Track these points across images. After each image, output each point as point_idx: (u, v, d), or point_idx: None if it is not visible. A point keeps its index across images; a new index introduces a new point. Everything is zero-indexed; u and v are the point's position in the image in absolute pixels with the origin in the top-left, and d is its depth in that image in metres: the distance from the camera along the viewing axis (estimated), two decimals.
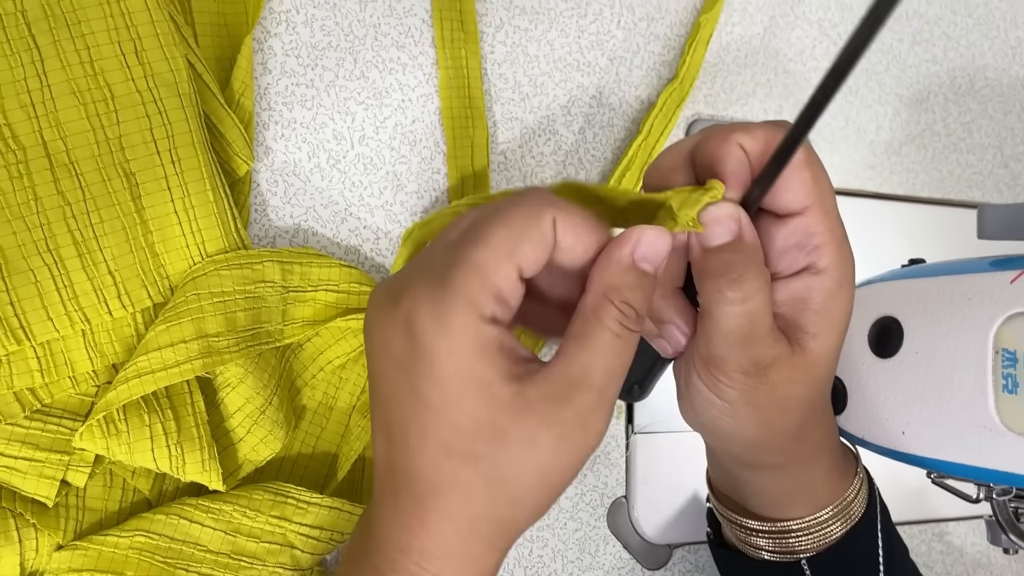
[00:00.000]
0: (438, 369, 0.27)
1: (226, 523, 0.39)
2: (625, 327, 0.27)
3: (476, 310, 0.26)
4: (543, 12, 0.50)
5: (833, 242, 0.30)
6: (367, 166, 0.46)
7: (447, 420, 0.27)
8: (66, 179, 0.37)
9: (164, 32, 0.38)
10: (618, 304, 0.27)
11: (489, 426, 0.27)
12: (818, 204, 0.29)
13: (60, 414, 0.38)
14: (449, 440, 0.27)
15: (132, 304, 0.38)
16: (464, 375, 0.27)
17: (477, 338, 0.27)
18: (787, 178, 0.29)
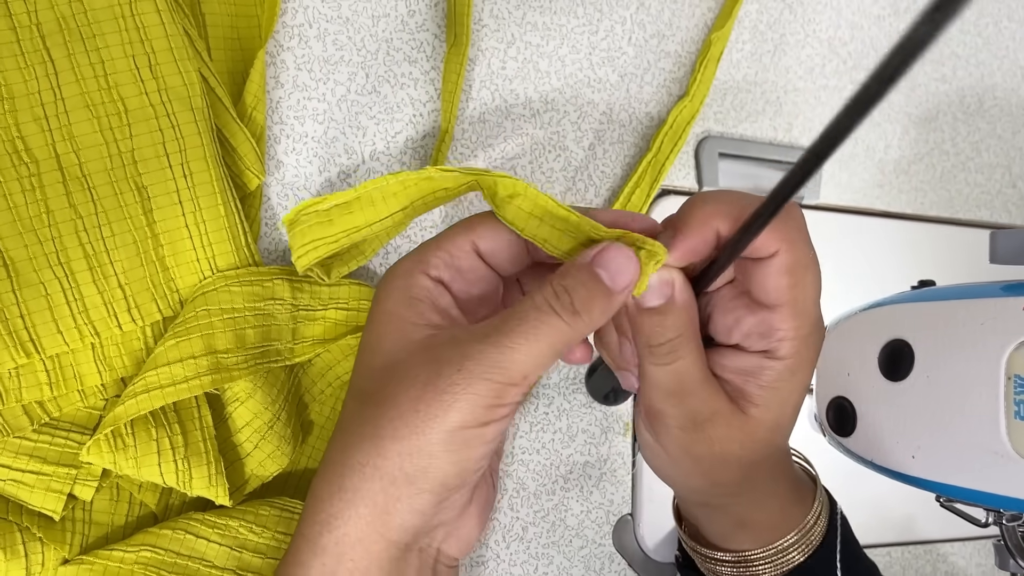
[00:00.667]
0: (374, 312, 0.31)
1: (232, 538, 0.39)
2: (550, 304, 0.28)
3: (420, 266, 0.31)
4: (555, 28, 0.50)
5: (797, 339, 0.30)
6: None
7: (363, 361, 0.31)
8: (78, 192, 0.37)
9: (178, 46, 0.38)
10: (555, 285, 0.29)
11: (390, 362, 0.30)
12: (789, 306, 0.30)
13: (68, 427, 0.38)
14: (357, 382, 0.31)
15: (142, 318, 0.38)
16: (389, 314, 0.31)
17: (412, 286, 0.30)
18: (765, 278, 0.30)
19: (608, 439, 0.51)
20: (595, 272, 0.29)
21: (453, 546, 0.33)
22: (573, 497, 0.50)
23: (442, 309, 0.31)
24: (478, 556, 0.47)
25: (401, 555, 0.30)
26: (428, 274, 0.31)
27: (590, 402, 0.50)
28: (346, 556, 0.30)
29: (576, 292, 0.29)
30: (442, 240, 0.31)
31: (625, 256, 0.29)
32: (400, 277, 0.31)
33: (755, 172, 0.55)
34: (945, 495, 0.40)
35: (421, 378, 0.28)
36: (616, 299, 0.29)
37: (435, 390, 0.28)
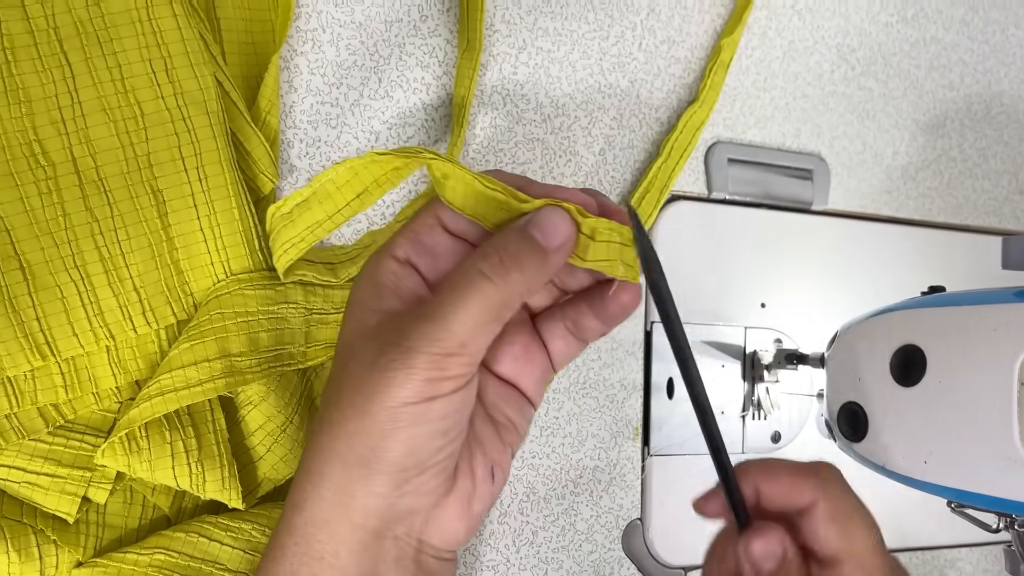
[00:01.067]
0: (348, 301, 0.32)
1: (245, 541, 0.39)
2: (477, 268, 0.29)
3: (388, 249, 0.31)
4: (566, 34, 0.50)
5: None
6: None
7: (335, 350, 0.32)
8: (95, 195, 0.37)
9: (194, 50, 0.39)
10: (484, 246, 0.29)
11: (347, 348, 0.31)
12: (853, 558, 0.31)
13: (83, 430, 0.38)
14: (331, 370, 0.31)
15: (156, 321, 0.38)
16: (353, 301, 0.32)
17: (377, 271, 0.31)
18: (815, 528, 0.31)
19: (618, 444, 0.51)
20: (527, 231, 0.30)
21: (436, 536, 0.31)
22: (583, 502, 0.50)
23: (406, 292, 0.31)
24: (488, 560, 0.47)
25: (373, 540, 0.30)
26: (395, 256, 0.31)
27: (600, 406, 0.51)
28: (314, 538, 0.30)
29: (505, 250, 0.29)
30: (409, 222, 0.32)
31: (558, 215, 0.30)
32: (369, 264, 0.32)
33: (764, 178, 0.56)
34: (956, 500, 0.40)
35: (366, 359, 0.29)
36: (551, 258, 0.30)
37: (378, 368, 0.28)
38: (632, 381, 0.52)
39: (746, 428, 0.54)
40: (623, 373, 0.51)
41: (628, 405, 0.51)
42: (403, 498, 0.30)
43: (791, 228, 0.57)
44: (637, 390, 0.52)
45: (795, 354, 0.52)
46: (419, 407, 0.28)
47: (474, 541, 0.47)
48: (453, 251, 0.32)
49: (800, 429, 0.55)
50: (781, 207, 0.56)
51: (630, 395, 0.51)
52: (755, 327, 0.55)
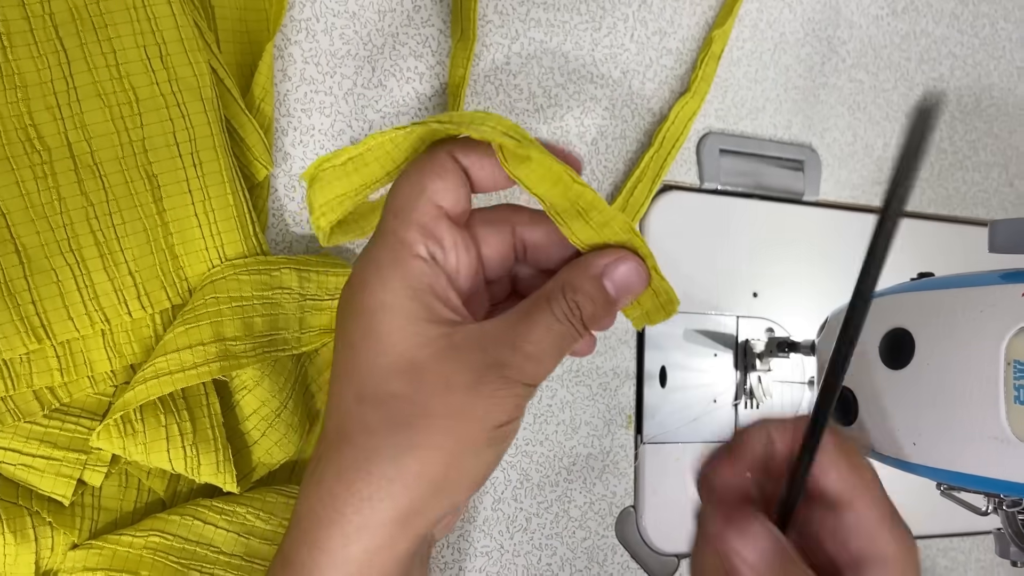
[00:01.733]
0: (367, 302, 0.28)
1: (239, 525, 0.39)
2: (568, 319, 0.29)
3: (404, 246, 0.28)
4: (558, 25, 0.51)
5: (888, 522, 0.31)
6: None
7: (365, 359, 0.28)
8: (90, 180, 0.37)
9: (188, 37, 0.39)
10: (568, 299, 0.29)
11: (407, 363, 0.28)
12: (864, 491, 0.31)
13: (78, 413, 0.38)
14: (362, 382, 0.28)
15: (151, 305, 0.39)
16: (391, 307, 0.28)
17: (407, 272, 0.29)
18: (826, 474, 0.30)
19: (611, 431, 0.51)
20: (603, 287, 0.30)
21: (441, 531, 0.33)
22: (576, 489, 0.50)
23: (445, 297, 0.29)
24: (483, 546, 0.48)
25: (418, 548, 0.30)
26: (420, 256, 0.29)
27: (593, 394, 0.51)
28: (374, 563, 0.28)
29: (586, 308, 0.30)
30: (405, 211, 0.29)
31: (637, 276, 0.30)
32: (388, 266, 0.29)
33: (756, 169, 0.56)
34: (946, 483, 0.41)
35: (461, 386, 0.28)
36: (616, 307, 0.31)
37: (480, 396, 0.28)
38: (625, 369, 0.52)
39: (739, 416, 0.54)
40: (616, 361, 0.52)
41: (621, 393, 0.52)
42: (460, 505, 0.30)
43: (782, 218, 0.57)
44: (630, 378, 0.52)
45: (787, 342, 0.52)
46: (510, 427, 0.29)
47: (468, 527, 0.47)
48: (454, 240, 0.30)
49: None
50: (773, 197, 0.57)
51: (623, 383, 0.52)
52: (747, 316, 0.55)
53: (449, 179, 0.29)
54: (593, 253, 0.30)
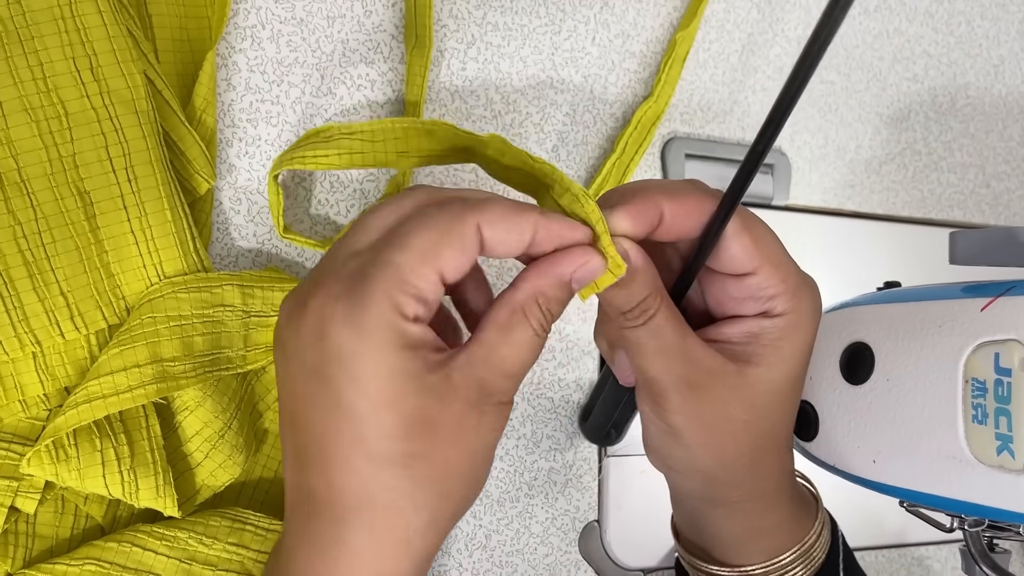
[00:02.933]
0: (361, 370, 0.26)
1: (181, 550, 0.38)
2: (544, 329, 0.29)
3: (397, 310, 0.26)
4: (516, 29, 0.50)
5: (787, 292, 0.31)
6: (333, 184, 0.45)
7: (373, 425, 0.26)
8: (16, 198, 0.36)
9: (121, 48, 0.38)
10: (543, 309, 0.29)
11: (419, 420, 0.27)
12: (766, 263, 0.31)
13: (9, 439, 0.37)
14: (375, 447, 0.27)
15: (86, 326, 0.37)
16: (390, 371, 0.26)
17: (400, 336, 0.26)
18: (728, 246, 0.30)
19: (574, 444, 0.50)
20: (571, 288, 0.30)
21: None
22: (538, 504, 0.49)
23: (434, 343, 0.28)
24: (440, 565, 0.47)
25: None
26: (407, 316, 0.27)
27: (555, 407, 0.50)
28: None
29: (555, 311, 0.30)
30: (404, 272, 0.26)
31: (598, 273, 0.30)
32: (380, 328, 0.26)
33: (723, 173, 0.55)
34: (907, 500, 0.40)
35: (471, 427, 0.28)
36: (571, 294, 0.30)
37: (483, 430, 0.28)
38: (588, 381, 0.51)
39: None
40: (578, 372, 0.51)
41: (578, 390, 0.51)
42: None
43: None
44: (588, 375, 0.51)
45: None
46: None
47: None
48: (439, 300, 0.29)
49: None
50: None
51: (586, 395, 0.51)
52: None
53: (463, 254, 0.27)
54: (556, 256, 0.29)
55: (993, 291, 0.34)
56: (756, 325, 0.32)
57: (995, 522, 0.39)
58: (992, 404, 0.34)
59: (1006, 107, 0.66)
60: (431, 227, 0.27)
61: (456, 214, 0.27)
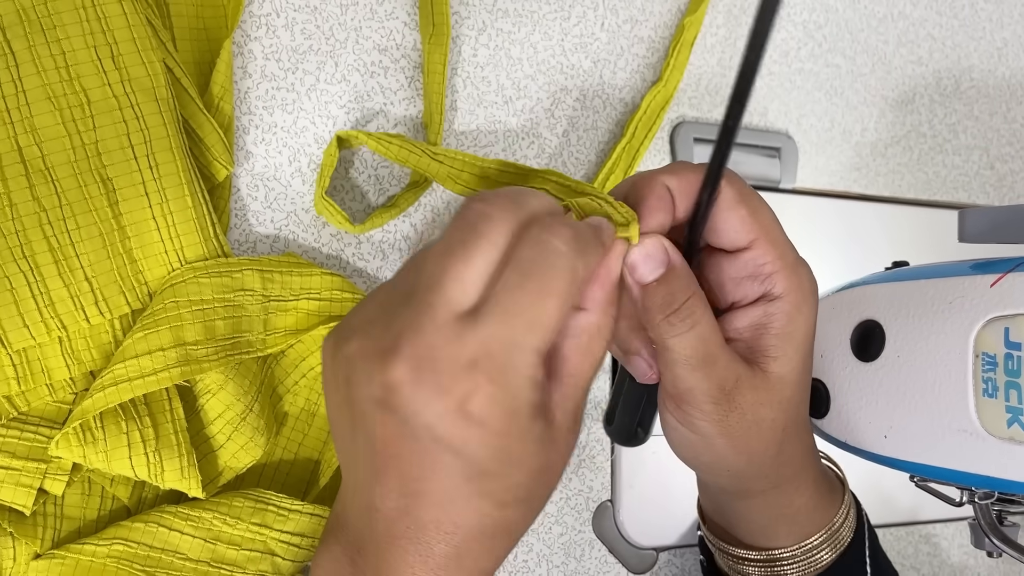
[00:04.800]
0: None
1: (206, 531, 0.39)
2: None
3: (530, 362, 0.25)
4: (526, 15, 0.50)
5: (785, 268, 0.30)
6: (348, 170, 0.46)
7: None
8: (41, 185, 0.37)
9: (141, 36, 0.38)
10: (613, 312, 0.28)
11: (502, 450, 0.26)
12: (763, 236, 0.30)
13: (37, 422, 0.38)
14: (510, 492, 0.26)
15: (110, 311, 0.38)
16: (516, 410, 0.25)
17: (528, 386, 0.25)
18: (725, 218, 0.30)
19: (587, 426, 0.51)
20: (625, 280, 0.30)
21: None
22: None
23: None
24: None
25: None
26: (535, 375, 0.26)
27: None
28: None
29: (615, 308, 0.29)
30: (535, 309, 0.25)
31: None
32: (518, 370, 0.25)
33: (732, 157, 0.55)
34: (918, 475, 0.40)
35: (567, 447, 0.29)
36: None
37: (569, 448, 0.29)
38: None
39: None
40: None
41: (596, 387, 0.51)
42: None
43: None
44: (605, 372, 0.52)
45: None
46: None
47: None
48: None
49: None
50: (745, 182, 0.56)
51: (598, 378, 0.51)
52: None
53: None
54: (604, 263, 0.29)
55: (1002, 267, 0.35)
56: (761, 313, 0.31)
57: (1005, 494, 0.40)
58: (1002, 378, 0.34)
59: (1009, 89, 0.66)
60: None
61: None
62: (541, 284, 0.25)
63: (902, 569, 0.60)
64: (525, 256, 0.25)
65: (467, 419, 0.24)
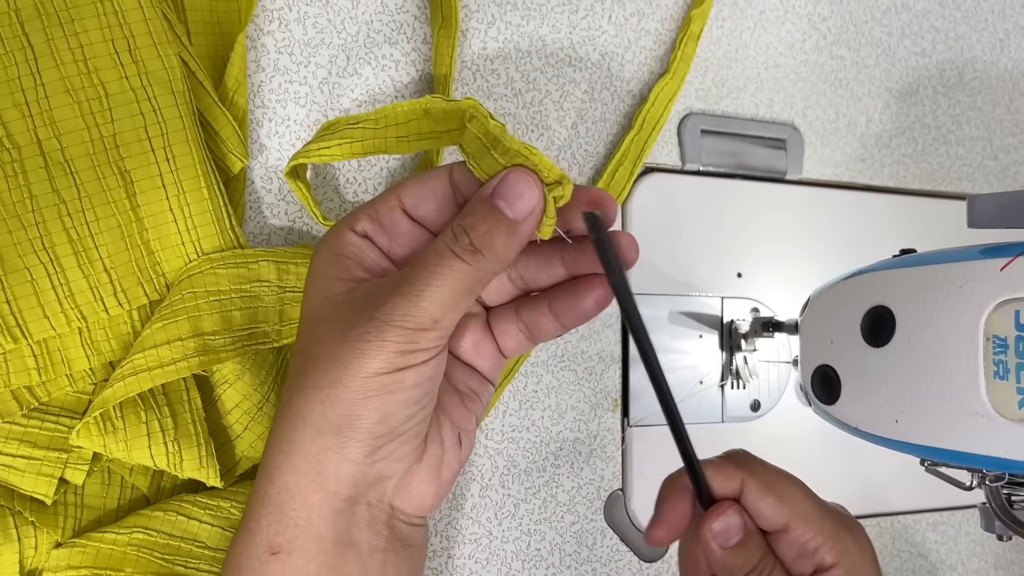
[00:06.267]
0: (308, 270, 0.33)
1: (224, 519, 0.39)
2: (450, 249, 0.29)
3: (347, 223, 0.32)
4: (535, 8, 0.50)
5: (827, 540, 0.33)
6: (361, 163, 0.46)
7: (299, 318, 0.33)
8: (61, 177, 0.37)
9: (157, 30, 0.39)
10: (454, 227, 0.30)
11: (313, 317, 0.31)
12: (796, 518, 0.33)
13: (58, 412, 0.38)
14: (296, 339, 0.33)
15: (128, 302, 0.38)
16: (315, 271, 0.32)
17: (337, 244, 0.32)
18: (757, 509, 0.33)
19: (597, 415, 0.51)
20: (493, 204, 0.30)
21: (407, 503, 0.32)
22: (564, 473, 0.50)
23: (369, 263, 0.32)
24: (471, 533, 0.48)
25: (345, 507, 0.31)
26: (354, 230, 0.32)
27: (578, 379, 0.51)
28: (288, 506, 0.31)
29: (475, 230, 0.29)
30: (372, 200, 0.33)
31: (523, 181, 0.30)
32: (328, 237, 0.33)
33: (738, 149, 0.56)
34: (930, 458, 0.41)
35: (338, 331, 0.30)
36: (520, 229, 0.30)
37: (350, 339, 0.29)
38: (610, 353, 0.52)
39: (725, 398, 0.54)
40: (601, 345, 0.52)
41: (607, 377, 0.52)
42: (376, 464, 0.31)
43: (765, 198, 0.57)
44: (615, 361, 0.52)
45: (771, 322, 0.52)
46: (392, 376, 0.29)
47: (456, 515, 0.47)
48: (411, 234, 0.33)
49: (779, 397, 0.55)
50: (755, 177, 0.57)
51: (608, 367, 0.52)
52: (732, 297, 0.55)
53: (422, 185, 0.33)
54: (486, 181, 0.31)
55: (1012, 251, 0.35)
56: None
57: (1016, 477, 0.40)
58: (1013, 360, 0.35)
59: (1012, 80, 0.67)
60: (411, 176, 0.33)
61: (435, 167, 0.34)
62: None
63: (910, 557, 0.60)
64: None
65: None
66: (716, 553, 0.32)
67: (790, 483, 0.33)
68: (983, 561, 0.63)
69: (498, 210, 0.30)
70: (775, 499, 0.33)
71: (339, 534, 0.31)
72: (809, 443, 0.56)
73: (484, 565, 0.48)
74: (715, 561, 0.33)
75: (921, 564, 0.61)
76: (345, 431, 0.30)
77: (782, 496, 0.33)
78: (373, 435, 0.30)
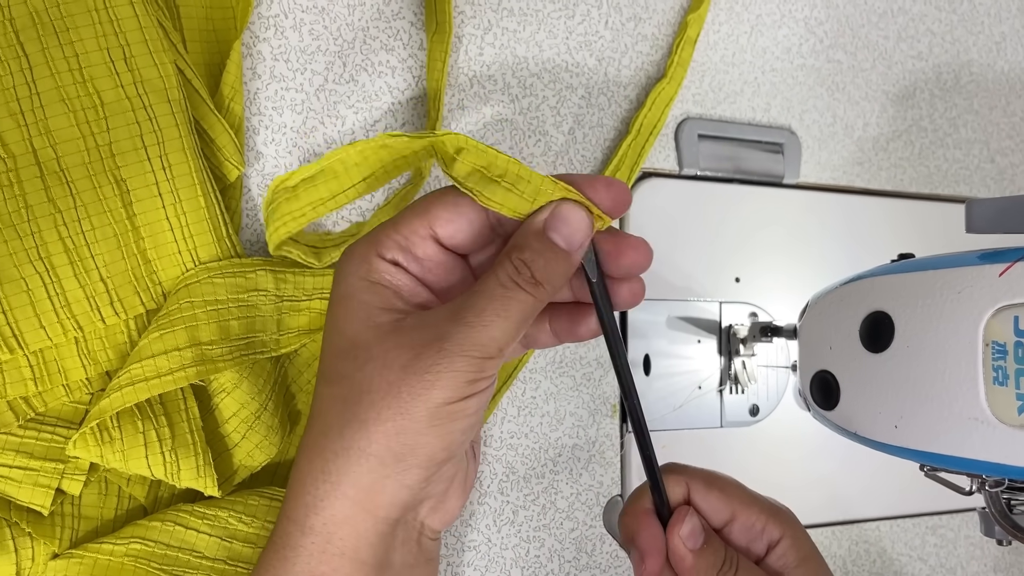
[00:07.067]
0: (334, 295, 0.32)
1: (222, 529, 0.39)
2: (513, 281, 0.30)
3: (376, 248, 0.31)
4: (531, 14, 0.50)
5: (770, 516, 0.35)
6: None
7: (327, 344, 0.31)
8: (56, 187, 0.37)
9: (153, 38, 0.38)
10: (514, 260, 0.30)
11: (354, 344, 0.30)
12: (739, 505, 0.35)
13: (54, 422, 0.38)
14: (323, 365, 0.31)
15: (125, 311, 0.38)
16: (349, 296, 0.31)
17: (367, 268, 0.31)
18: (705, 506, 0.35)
19: (596, 421, 0.51)
20: (549, 238, 0.30)
21: (437, 520, 0.34)
22: (563, 480, 0.50)
23: (407, 294, 0.31)
24: (470, 540, 0.48)
25: (389, 530, 0.31)
26: (384, 257, 0.31)
27: (577, 384, 0.51)
28: (335, 535, 0.30)
29: (535, 264, 0.30)
30: (398, 223, 0.31)
31: (577, 216, 0.31)
32: (355, 261, 0.32)
33: (735, 153, 0.56)
34: (929, 464, 0.41)
35: (399, 362, 0.29)
36: (574, 258, 0.31)
37: (416, 371, 0.29)
38: (608, 359, 0.52)
39: (724, 403, 0.54)
40: (600, 351, 0.52)
41: (605, 383, 0.52)
42: (428, 486, 0.31)
43: (763, 202, 0.57)
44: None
45: (770, 327, 0.52)
46: (457, 405, 0.29)
47: (455, 523, 0.47)
48: (444, 264, 0.33)
49: (778, 401, 0.55)
50: (753, 181, 0.57)
51: (607, 373, 0.52)
52: (730, 302, 0.55)
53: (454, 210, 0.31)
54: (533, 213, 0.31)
55: (1011, 256, 0.35)
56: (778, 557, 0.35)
57: (1015, 482, 0.40)
58: (1012, 366, 0.35)
59: (1008, 83, 0.67)
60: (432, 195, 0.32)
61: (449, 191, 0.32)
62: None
63: (909, 560, 0.60)
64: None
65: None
66: (688, 560, 0.33)
67: (724, 478, 0.36)
68: (982, 565, 0.63)
69: (553, 243, 0.30)
70: (719, 493, 0.35)
71: (379, 559, 0.31)
72: (808, 447, 0.56)
73: (483, 572, 0.48)
74: (687, 569, 0.33)
75: (920, 568, 0.61)
76: (407, 459, 0.30)
77: (723, 489, 0.35)
78: (435, 461, 0.30)
